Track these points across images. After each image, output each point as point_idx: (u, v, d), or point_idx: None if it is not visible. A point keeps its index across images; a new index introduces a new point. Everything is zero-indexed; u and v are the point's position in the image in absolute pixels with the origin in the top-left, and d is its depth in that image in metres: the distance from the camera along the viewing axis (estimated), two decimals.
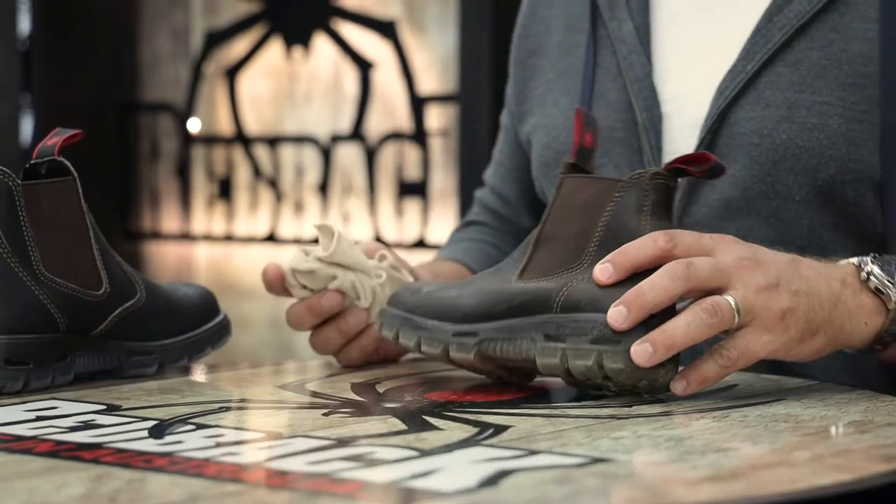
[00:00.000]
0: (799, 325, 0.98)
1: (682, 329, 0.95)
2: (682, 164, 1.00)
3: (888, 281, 1.01)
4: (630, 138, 1.28)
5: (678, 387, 0.97)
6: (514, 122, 1.45)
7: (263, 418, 1.01)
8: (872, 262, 1.02)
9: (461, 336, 1.03)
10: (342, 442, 0.85)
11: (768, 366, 1.20)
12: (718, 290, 0.97)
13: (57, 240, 1.10)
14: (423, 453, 0.81)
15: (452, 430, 0.89)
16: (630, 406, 0.98)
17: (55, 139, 1.13)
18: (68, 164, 1.12)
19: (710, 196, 1.23)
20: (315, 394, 1.08)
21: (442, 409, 0.98)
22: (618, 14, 1.31)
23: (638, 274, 0.97)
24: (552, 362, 0.98)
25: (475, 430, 0.89)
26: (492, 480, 0.73)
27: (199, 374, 1.20)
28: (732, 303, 0.96)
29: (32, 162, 1.12)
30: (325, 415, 0.99)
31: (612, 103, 1.30)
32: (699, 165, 1.01)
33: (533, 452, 0.80)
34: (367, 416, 0.96)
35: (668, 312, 0.96)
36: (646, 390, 0.98)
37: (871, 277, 1.01)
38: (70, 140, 1.13)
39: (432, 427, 0.90)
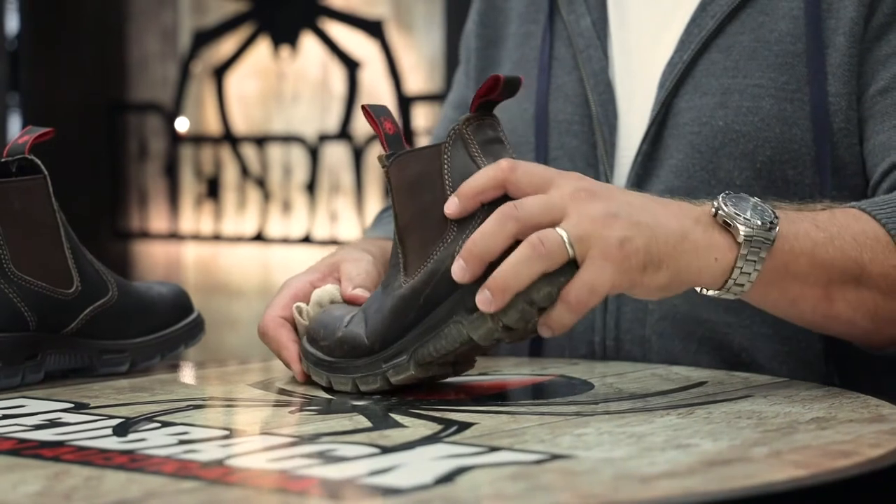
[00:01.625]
0: (639, 255, 0.94)
1: (511, 270, 0.92)
2: (482, 98, 0.99)
3: (736, 213, 0.97)
4: (585, 132, 1.29)
5: (544, 332, 0.95)
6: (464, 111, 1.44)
7: (230, 416, 1.01)
8: (725, 196, 0.99)
9: (391, 360, 1.01)
10: (304, 439, 0.85)
11: (718, 358, 1.21)
12: (554, 225, 0.93)
13: (27, 238, 1.10)
14: (385, 450, 0.81)
15: (416, 428, 0.89)
16: (597, 403, 0.98)
17: (26, 137, 1.13)
18: (38, 162, 1.12)
19: (656, 187, 1.24)
20: (284, 392, 1.08)
21: (409, 406, 0.98)
22: (576, 8, 1.32)
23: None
24: (488, 327, 0.95)
25: (439, 427, 0.89)
26: (448, 477, 0.73)
27: (175, 372, 1.20)
28: (564, 235, 0.93)
29: (3, 160, 1.12)
30: (291, 413, 0.99)
31: (569, 96, 1.31)
32: (496, 90, 0.98)
33: (493, 449, 0.80)
34: (333, 413, 0.96)
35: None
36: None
37: (720, 211, 0.98)
38: (41, 138, 1.13)
39: (397, 424, 0.90)
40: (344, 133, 3.43)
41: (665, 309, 1.23)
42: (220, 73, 3.64)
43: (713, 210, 0.98)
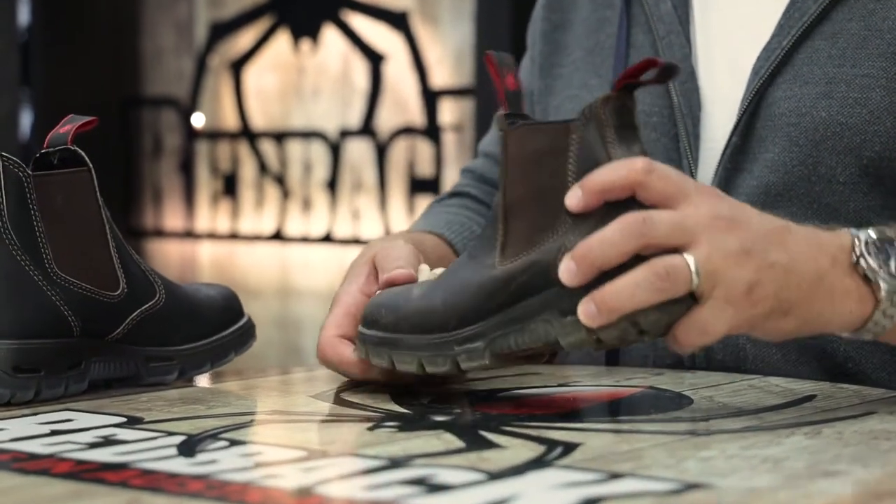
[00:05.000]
0: (768, 302, 0.86)
1: (628, 291, 0.83)
2: (629, 78, 0.89)
3: (878, 266, 0.89)
4: (666, 124, 1.20)
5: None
6: (531, 94, 1.35)
7: (302, 433, 0.92)
8: (867, 243, 0.90)
9: (464, 343, 0.91)
10: (397, 462, 0.76)
11: (819, 369, 1.12)
12: (681, 249, 0.85)
13: (71, 236, 1.02)
14: (492, 476, 0.72)
15: (516, 449, 0.80)
16: (707, 420, 0.89)
17: (68, 126, 1.05)
18: (82, 153, 1.04)
19: (748, 182, 1.15)
20: (352, 404, 0.99)
21: (498, 422, 0.88)
22: None
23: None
24: (580, 337, 0.86)
25: (542, 448, 0.80)
26: None
27: (225, 382, 1.12)
28: (692, 265, 0.84)
29: (43, 151, 1.03)
30: (370, 429, 0.89)
31: (647, 86, 1.21)
32: (648, 73, 0.89)
33: (615, 476, 0.71)
34: (416, 430, 0.87)
35: (626, 266, 0.84)
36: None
37: (861, 261, 0.89)
38: (84, 128, 1.05)
39: (493, 444, 0.81)
40: (366, 129, 3.35)
41: None
42: (237, 66, 3.57)
43: (854, 256, 0.89)
